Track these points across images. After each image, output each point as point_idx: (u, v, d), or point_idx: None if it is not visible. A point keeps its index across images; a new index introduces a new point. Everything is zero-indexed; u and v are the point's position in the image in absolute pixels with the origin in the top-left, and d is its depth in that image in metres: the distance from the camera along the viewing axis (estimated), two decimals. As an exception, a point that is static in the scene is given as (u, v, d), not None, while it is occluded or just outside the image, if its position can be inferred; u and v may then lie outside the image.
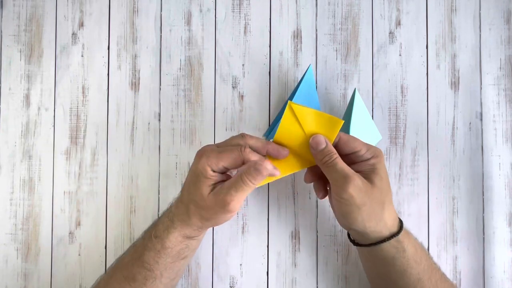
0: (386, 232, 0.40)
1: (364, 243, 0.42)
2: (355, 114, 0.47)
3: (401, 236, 0.40)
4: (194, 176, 0.39)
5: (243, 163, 0.39)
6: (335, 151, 0.39)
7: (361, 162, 0.40)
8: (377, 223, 0.39)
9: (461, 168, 0.52)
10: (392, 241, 0.40)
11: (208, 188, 0.39)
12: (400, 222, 0.42)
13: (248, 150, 0.38)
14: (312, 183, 0.45)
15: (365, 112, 0.47)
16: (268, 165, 0.38)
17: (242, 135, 0.40)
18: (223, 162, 0.38)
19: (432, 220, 0.52)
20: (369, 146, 0.41)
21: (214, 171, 0.39)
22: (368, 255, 0.43)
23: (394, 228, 0.41)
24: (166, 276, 0.42)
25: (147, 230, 0.43)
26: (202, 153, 0.39)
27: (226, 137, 0.52)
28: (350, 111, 0.47)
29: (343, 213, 0.40)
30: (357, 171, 0.39)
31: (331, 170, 0.39)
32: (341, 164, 0.39)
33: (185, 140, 0.52)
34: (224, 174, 0.41)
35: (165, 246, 0.40)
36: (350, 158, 0.41)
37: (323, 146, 0.39)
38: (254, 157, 0.38)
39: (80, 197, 0.51)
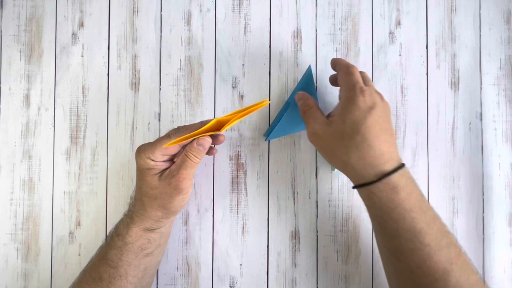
0: (359, 178, 0.39)
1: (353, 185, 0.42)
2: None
3: (374, 188, 0.38)
4: (139, 172, 0.43)
5: (178, 146, 0.42)
6: (309, 104, 0.44)
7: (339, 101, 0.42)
8: (345, 167, 0.40)
9: (461, 168, 0.52)
10: (364, 189, 0.39)
11: (154, 177, 0.42)
12: (384, 174, 0.38)
13: (173, 132, 0.42)
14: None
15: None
16: (207, 139, 0.41)
17: (177, 127, 0.43)
18: (158, 150, 0.41)
19: (432, 220, 0.52)
20: (350, 86, 0.40)
21: (154, 161, 0.41)
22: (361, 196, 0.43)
23: (368, 176, 0.38)
24: (132, 274, 0.42)
25: (111, 231, 0.45)
26: (138, 150, 0.42)
27: (226, 137, 0.52)
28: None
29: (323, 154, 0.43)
30: (332, 114, 0.42)
31: (303, 118, 0.44)
32: (307, 113, 0.43)
33: (185, 140, 0.52)
34: (168, 162, 0.43)
35: (126, 241, 0.42)
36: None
37: (300, 102, 0.45)
38: (180, 135, 0.41)
39: (80, 197, 0.51)
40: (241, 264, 0.51)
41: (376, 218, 0.40)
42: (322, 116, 0.42)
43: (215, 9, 0.53)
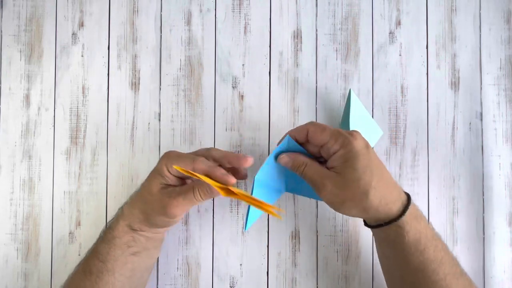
0: (383, 216, 0.38)
1: (369, 224, 0.42)
2: (353, 114, 0.47)
3: (402, 221, 0.38)
4: (152, 173, 0.43)
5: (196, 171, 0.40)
6: (302, 161, 0.40)
7: (333, 155, 0.38)
8: (367, 212, 0.38)
9: (461, 168, 0.52)
10: (392, 225, 0.38)
11: (159, 185, 0.41)
12: (405, 205, 0.39)
13: (200, 160, 0.39)
14: None
15: (363, 110, 0.47)
16: (220, 192, 0.38)
17: (208, 148, 0.43)
18: (178, 165, 0.39)
19: (432, 220, 0.52)
20: (338, 136, 0.38)
21: (169, 172, 0.41)
22: (374, 235, 0.43)
23: (391, 212, 0.38)
24: (119, 271, 0.42)
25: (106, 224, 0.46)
26: (165, 155, 0.42)
27: (226, 137, 0.52)
28: (347, 112, 0.47)
29: (333, 208, 0.40)
30: (331, 167, 0.39)
31: (305, 179, 0.40)
32: (310, 172, 0.39)
33: (185, 140, 0.52)
34: (181, 180, 0.43)
35: (113, 235, 0.42)
36: (324, 152, 0.40)
37: (289, 165, 0.41)
38: (203, 166, 0.39)
39: (80, 197, 0.51)
40: (241, 264, 0.51)
41: (402, 252, 0.39)
42: (324, 169, 0.39)
43: (215, 9, 0.53)
